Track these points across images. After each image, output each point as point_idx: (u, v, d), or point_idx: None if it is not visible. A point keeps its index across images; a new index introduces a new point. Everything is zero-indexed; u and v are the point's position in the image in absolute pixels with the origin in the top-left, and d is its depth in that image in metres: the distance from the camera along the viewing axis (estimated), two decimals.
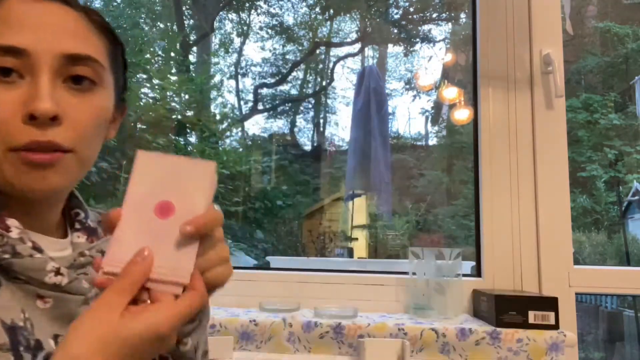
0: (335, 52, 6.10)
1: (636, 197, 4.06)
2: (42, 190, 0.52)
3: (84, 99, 0.54)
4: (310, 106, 6.32)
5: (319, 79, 6.37)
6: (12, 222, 0.51)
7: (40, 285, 0.51)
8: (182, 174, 0.46)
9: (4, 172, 0.51)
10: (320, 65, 6.24)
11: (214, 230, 0.48)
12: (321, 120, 6.19)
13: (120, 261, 0.44)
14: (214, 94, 5.80)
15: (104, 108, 0.56)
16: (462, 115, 1.76)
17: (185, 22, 5.90)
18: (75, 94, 0.53)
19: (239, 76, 6.04)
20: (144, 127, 4.36)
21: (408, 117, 5.46)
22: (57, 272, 0.51)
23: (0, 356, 0.46)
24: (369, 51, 6.03)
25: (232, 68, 6.05)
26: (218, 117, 5.72)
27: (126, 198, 0.45)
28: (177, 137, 4.95)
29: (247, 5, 6.00)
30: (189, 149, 5.08)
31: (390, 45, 5.86)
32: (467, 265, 1.42)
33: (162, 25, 5.99)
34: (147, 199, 0.45)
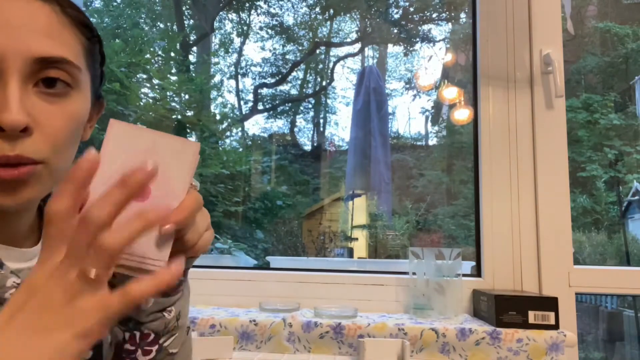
0: (335, 52, 6.11)
1: (636, 197, 4.06)
2: (12, 205, 0.48)
3: (57, 105, 0.48)
4: (310, 106, 6.32)
5: (319, 79, 6.37)
6: None
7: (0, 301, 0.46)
8: (161, 151, 0.42)
9: None
10: (320, 65, 6.24)
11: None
12: (321, 120, 6.20)
13: None
14: (214, 94, 5.80)
15: (79, 113, 0.51)
16: (462, 115, 1.76)
17: (185, 22, 5.90)
18: (48, 99, 0.48)
19: (239, 76, 6.04)
20: (144, 127, 4.36)
21: (408, 117, 5.46)
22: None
23: None
24: (369, 51, 6.03)
25: (232, 68, 6.05)
26: (218, 117, 5.72)
27: (96, 173, 0.39)
28: None
29: (247, 5, 5.99)
30: None
31: (390, 45, 5.86)
32: (467, 265, 1.42)
33: (162, 25, 5.99)
34: (120, 175, 0.39)
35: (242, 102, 5.97)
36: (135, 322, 0.55)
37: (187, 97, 5.28)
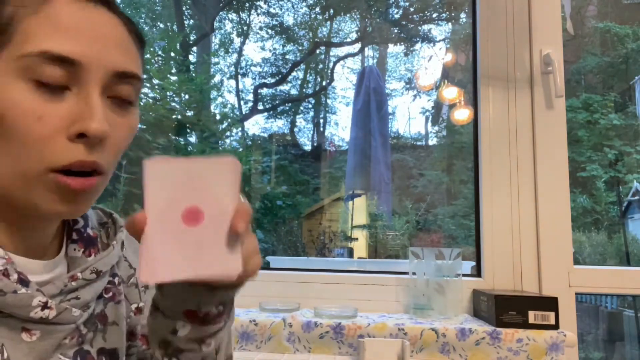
0: (335, 52, 6.10)
1: (636, 197, 4.06)
2: (70, 216, 0.49)
3: (123, 118, 0.50)
4: (310, 106, 6.32)
5: (319, 79, 6.36)
6: None
7: (25, 319, 0.47)
8: (202, 175, 0.43)
9: (33, 193, 0.46)
10: (320, 65, 6.24)
11: None
12: (321, 120, 6.19)
13: (154, 275, 0.41)
14: (214, 94, 5.80)
15: (136, 126, 0.52)
16: (462, 115, 1.76)
17: (185, 22, 5.90)
18: (117, 111, 0.49)
19: (239, 76, 6.03)
20: (144, 127, 4.36)
21: (408, 117, 5.46)
22: (45, 306, 0.47)
23: None
24: (369, 51, 6.03)
25: (232, 68, 6.05)
26: (218, 117, 5.71)
27: (147, 210, 0.42)
28: (177, 137, 4.95)
29: (247, 5, 5.99)
30: (189, 149, 5.08)
31: (390, 45, 5.86)
32: (467, 265, 1.42)
33: (162, 25, 5.99)
34: (171, 209, 0.42)
35: (242, 102, 5.96)
36: (174, 349, 0.52)
37: (187, 97, 5.27)
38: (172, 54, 5.52)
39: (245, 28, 6.12)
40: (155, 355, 0.54)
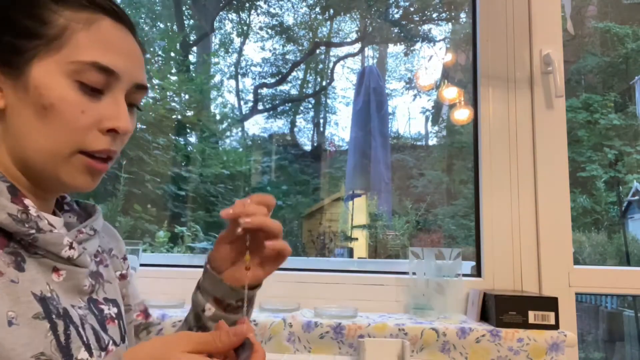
0: (335, 52, 6.10)
1: (636, 197, 4.05)
2: (85, 190, 0.60)
3: (132, 118, 0.62)
4: (310, 106, 6.32)
5: (319, 79, 6.36)
6: (28, 202, 0.56)
7: (56, 259, 0.57)
8: None
9: (61, 170, 0.57)
10: (320, 65, 6.24)
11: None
12: (321, 120, 6.19)
13: None
14: (214, 94, 5.79)
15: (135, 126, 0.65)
16: (462, 115, 1.76)
17: (185, 22, 5.90)
18: (130, 114, 0.61)
19: (239, 76, 6.03)
20: (144, 127, 4.36)
21: (408, 117, 5.45)
22: (70, 246, 0.57)
23: (38, 324, 0.51)
24: (369, 51, 6.02)
25: (232, 68, 6.04)
26: (218, 117, 5.71)
27: None
28: (177, 137, 4.95)
29: (247, 5, 5.99)
30: (189, 149, 5.08)
31: (390, 45, 5.86)
32: (467, 265, 1.42)
33: (162, 25, 5.99)
34: None
35: (242, 102, 5.96)
36: (202, 323, 0.72)
37: (187, 97, 5.27)
38: (172, 54, 5.51)
39: (245, 28, 6.11)
40: (189, 322, 0.74)
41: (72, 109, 0.55)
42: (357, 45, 5.93)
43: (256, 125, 6.21)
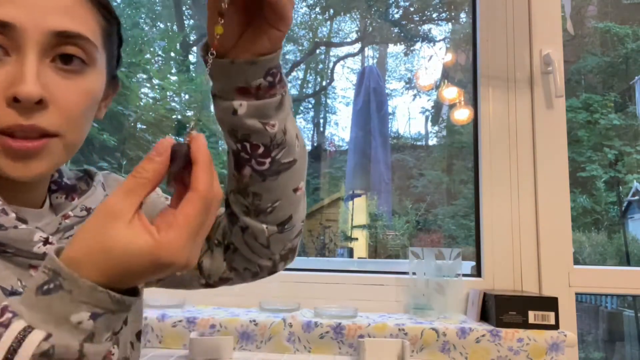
0: (335, 52, 6.10)
1: (636, 197, 4.05)
2: (24, 178, 0.49)
3: (73, 81, 0.50)
4: (310, 106, 6.32)
5: (319, 79, 6.36)
6: None
7: (30, 256, 0.50)
8: None
9: None
10: (320, 65, 6.24)
11: None
12: (321, 120, 6.19)
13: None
14: None
15: (94, 90, 0.53)
16: (462, 115, 1.76)
17: (185, 22, 5.90)
18: (64, 75, 0.50)
19: None
20: (144, 127, 4.36)
21: (408, 117, 5.45)
22: (46, 241, 0.50)
23: None
24: (369, 51, 6.02)
25: None
26: None
27: None
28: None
29: None
30: None
31: (390, 45, 5.86)
32: (467, 265, 1.42)
33: (162, 25, 5.99)
34: None
35: None
36: (242, 132, 0.56)
37: (187, 97, 5.27)
38: (172, 54, 5.51)
39: None
40: (229, 144, 0.59)
41: None
42: (357, 45, 5.93)
43: None
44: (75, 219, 0.55)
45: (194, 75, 5.58)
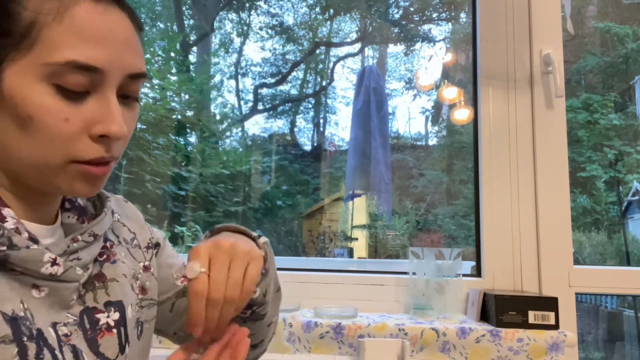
0: (335, 52, 6.09)
1: (636, 197, 4.05)
2: (90, 194, 0.54)
3: (131, 112, 0.55)
4: (310, 106, 6.31)
5: (319, 79, 6.36)
6: (7, 211, 0.49)
7: (36, 275, 0.50)
8: None
9: (55, 178, 0.51)
10: (320, 65, 6.23)
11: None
12: (321, 120, 6.19)
13: None
14: (214, 94, 5.79)
15: (137, 116, 0.58)
16: (462, 115, 1.76)
17: (185, 22, 5.90)
18: (126, 108, 0.54)
19: (239, 76, 6.03)
20: (144, 127, 4.36)
21: (408, 117, 5.45)
22: (54, 263, 0.51)
23: (4, 349, 0.45)
24: (369, 51, 6.02)
25: (232, 68, 6.04)
26: (218, 117, 5.71)
27: None
28: (177, 137, 4.95)
29: (247, 5, 5.99)
30: (189, 149, 5.08)
31: (390, 45, 5.85)
32: (467, 265, 1.42)
33: (162, 25, 5.98)
34: None
35: (242, 102, 5.96)
36: None
37: (187, 97, 5.27)
38: (172, 54, 5.51)
39: (245, 28, 6.11)
40: None
41: (53, 118, 0.48)
42: (357, 45, 5.93)
43: (256, 125, 6.20)
44: (82, 244, 0.56)
45: (194, 75, 5.58)
